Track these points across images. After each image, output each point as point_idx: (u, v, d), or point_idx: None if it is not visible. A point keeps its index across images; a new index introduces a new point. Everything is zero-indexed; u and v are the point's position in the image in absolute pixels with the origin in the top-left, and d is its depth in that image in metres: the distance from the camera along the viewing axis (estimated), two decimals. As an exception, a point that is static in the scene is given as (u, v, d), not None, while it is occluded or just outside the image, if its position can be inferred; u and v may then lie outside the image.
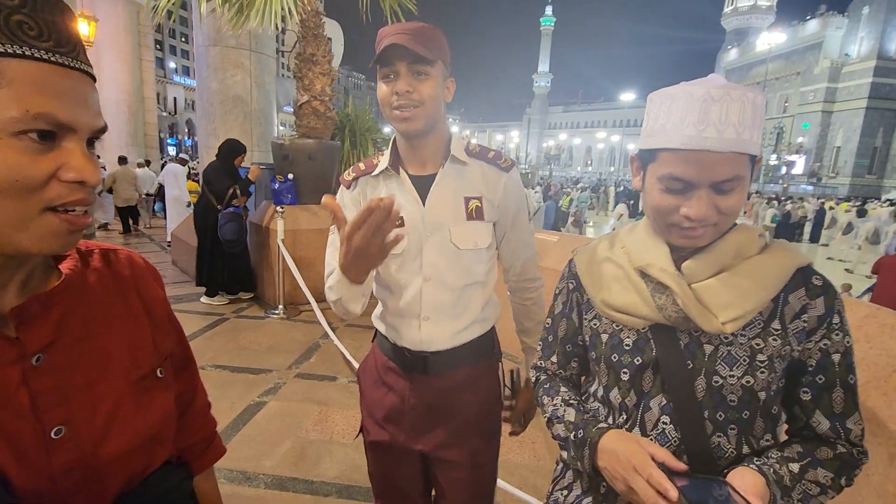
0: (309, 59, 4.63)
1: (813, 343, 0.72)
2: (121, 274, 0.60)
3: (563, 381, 0.92)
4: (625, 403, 0.79)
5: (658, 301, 0.74)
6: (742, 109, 0.65)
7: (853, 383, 0.73)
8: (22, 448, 0.46)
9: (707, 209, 0.68)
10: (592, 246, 0.89)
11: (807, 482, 0.69)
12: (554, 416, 0.85)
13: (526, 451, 2.53)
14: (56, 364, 0.49)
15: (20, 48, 0.42)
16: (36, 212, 0.44)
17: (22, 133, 0.42)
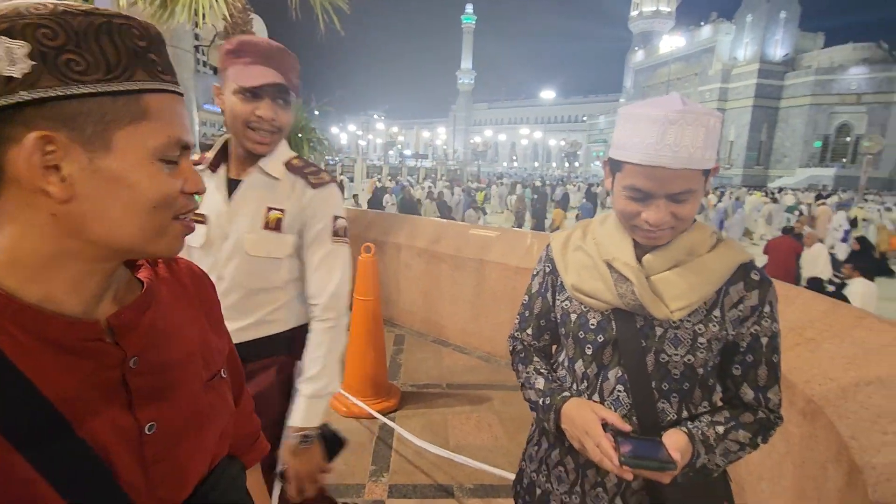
0: (238, 57, 4.46)
1: (745, 328, 0.85)
2: (183, 282, 0.64)
3: (536, 352, 1.04)
4: (587, 373, 0.92)
5: (620, 289, 0.86)
6: (696, 132, 0.75)
7: (776, 361, 0.87)
8: (125, 443, 0.51)
9: (664, 216, 0.80)
10: (567, 234, 1.01)
11: (729, 441, 0.83)
12: (526, 383, 0.99)
13: (484, 433, 2.68)
14: (148, 366, 0.53)
15: (158, 84, 0.48)
16: (169, 221, 0.51)
17: (160, 154, 0.48)
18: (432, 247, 4.13)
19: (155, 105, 0.47)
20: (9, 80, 0.41)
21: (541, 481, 0.99)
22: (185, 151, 0.51)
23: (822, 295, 2.07)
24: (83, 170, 0.44)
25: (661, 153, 0.76)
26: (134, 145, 0.46)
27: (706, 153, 0.78)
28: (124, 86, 0.45)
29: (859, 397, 1.44)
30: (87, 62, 0.43)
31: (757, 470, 1.92)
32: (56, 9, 0.42)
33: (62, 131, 0.43)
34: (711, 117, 0.78)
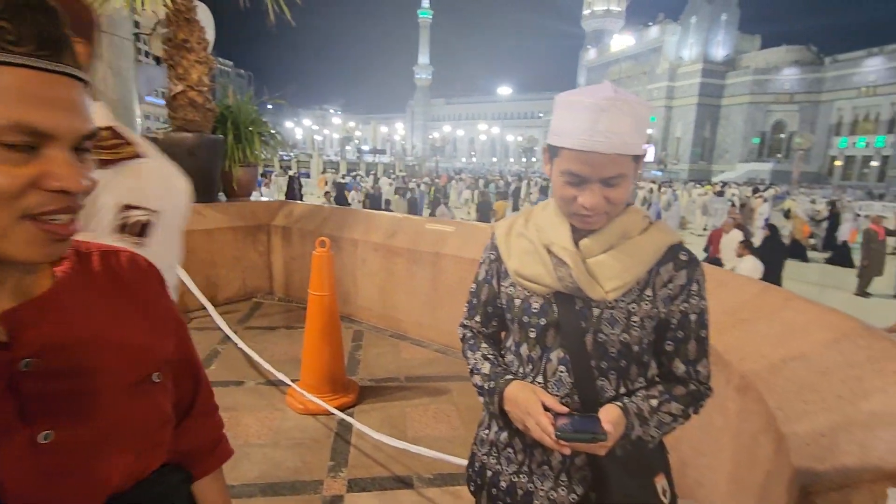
0: (182, 46, 4.26)
1: (675, 306, 0.90)
2: (119, 276, 0.59)
3: (484, 338, 1.06)
4: (531, 356, 0.94)
5: (559, 273, 0.89)
6: (625, 119, 0.79)
7: (704, 336, 0.92)
8: (10, 453, 0.46)
9: (598, 200, 0.83)
10: (510, 221, 1.04)
11: (662, 413, 0.88)
12: (474, 369, 1.01)
13: (442, 424, 2.70)
14: (46, 369, 0.48)
15: (3, 55, 0.40)
16: (12, 220, 0.42)
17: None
18: (388, 241, 4.11)
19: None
20: None
21: (491, 463, 1.01)
22: (45, 139, 0.43)
23: (753, 279, 2.21)
24: None
25: (594, 139, 0.79)
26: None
27: (635, 139, 0.81)
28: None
29: (785, 372, 1.55)
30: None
31: (699, 446, 2.03)
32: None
33: None
34: (640, 106, 0.82)
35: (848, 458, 1.11)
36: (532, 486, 0.95)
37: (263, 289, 5.00)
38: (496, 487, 1.00)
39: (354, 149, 72.38)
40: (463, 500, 2.11)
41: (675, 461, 2.21)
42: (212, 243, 4.50)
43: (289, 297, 4.90)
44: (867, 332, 1.54)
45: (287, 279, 4.94)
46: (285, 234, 4.86)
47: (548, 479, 0.93)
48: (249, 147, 5.15)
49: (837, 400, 1.32)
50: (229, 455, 0.78)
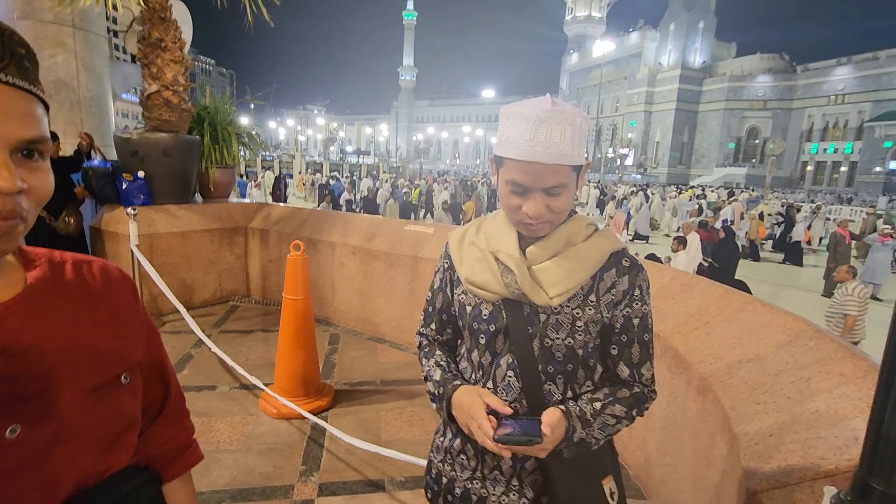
0: (156, 45, 4.19)
1: (619, 311, 0.92)
2: (89, 284, 0.62)
3: (439, 346, 1.08)
4: (482, 362, 0.97)
5: (506, 280, 0.91)
6: (564, 130, 0.81)
7: (647, 340, 0.94)
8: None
9: (540, 209, 0.86)
10: (464, 230, 1.06)
11: (606, 415, 0.89)
12: (427, 376, 1.03)
13: (416, 428, 2.71)
14: (11, 368, 0.51)
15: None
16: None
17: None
18: (367, 244, 4.10)
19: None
20: None
21: (446, 470, 1.03)
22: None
23: (716, 282, 2.28)
24: None
25: (534, 149, 0.82)
26: None
27: (574, 150, 0.84)
28: None
29: (741, 373, 1.61)
30: None
31: (663, 446, 2.09)
32: None
33: None
34: (578, 117, 0.84)
35: (791, 457, 1.16)
36: (485, 491, 0.97)
37: (240, 292, 4.94)
38: (451, 494, 1.01)
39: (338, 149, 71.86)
40: (434, 502, 2.13)
41: (640, 461, 2.28)
42: (186, 246, 4.43)
43: (266, 300, 4.86)
44: (818, 334, 1.61)
45: (264, 282, 4.90)
46: (263, 236, 4.82)
47: (499, 484, 0.96)
48: (227, 148, 5.08)
49: (787, 401, 1.38)
50: (198, 460, 0.79)
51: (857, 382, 1.29)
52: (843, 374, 1.35)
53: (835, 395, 1.30)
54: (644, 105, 69.57)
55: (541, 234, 0.92)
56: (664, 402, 2.07)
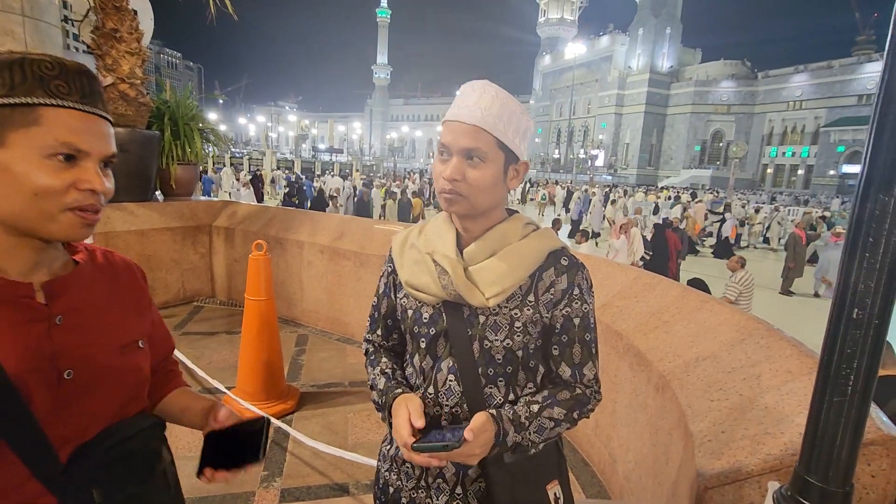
0: (110, 35, 4.02)
1: (559, 310, 0.91)
2: (115, 268, 0.80)
3: (385, 352, 1.04)
4: (423, 367, 0.94)
5: (443, 281, 0.89)
6: (492, 101, 0.85)
7: (589, 339, 0.93)
8: (44, 381, 0.64)
9: (455, 172, 0.85)
10: (407, 232, 1.04)
11: (543, 418, 0.86)
12: (372, 385, 0.99)
13: (384, 430, 2.67)
14: (70, 325, 0.68)
15: (53, 100, 0.60)
16: (59, 210, 0.62)
17: (51, 155, 0.60)
18: (335, 243, 4.04)
19: (50, 116, 0.60)
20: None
21: (392, 479, 1.00)
22: (82, 155, 0.62)
23: (676, 282, 2.34)
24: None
25: (460, 111, 0.87)
26: (23, 144, 0.59)
27: (499, 125, 0.85)
28: (21, 100, 0.59)
29: (697, 371, 1.65)
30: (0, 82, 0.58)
31: (625, 443, 2.13)
32: (3, 53, 0.59)
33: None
34: (512, 101, 0.88)
35: (741, 452, 1.19)
36: (430, 500, 0.95)
37: (204, 292, 4.80)
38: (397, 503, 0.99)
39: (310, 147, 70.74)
40: (399, 505, 2.11)
41: (605, 458, 2.31)
42: (146, 245, 4.27)
43: (232, 301, 4.73)
44: (769, 332, 1.66)
45: (230, 282, 4.76)
46: (228, 235, 4.69)
47: (443, 492, 0.93)
48: (189, 144, 4.92)
49: (738, 397, 1.42)
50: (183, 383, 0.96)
51: (802, 379, 1.34)
52: (790, 371, 1.40)
53: (782, 391, 1.35)
54: (615, 107, 71.07)
55: (456, 210, 0.90)
56: (626, 400, 2.11)
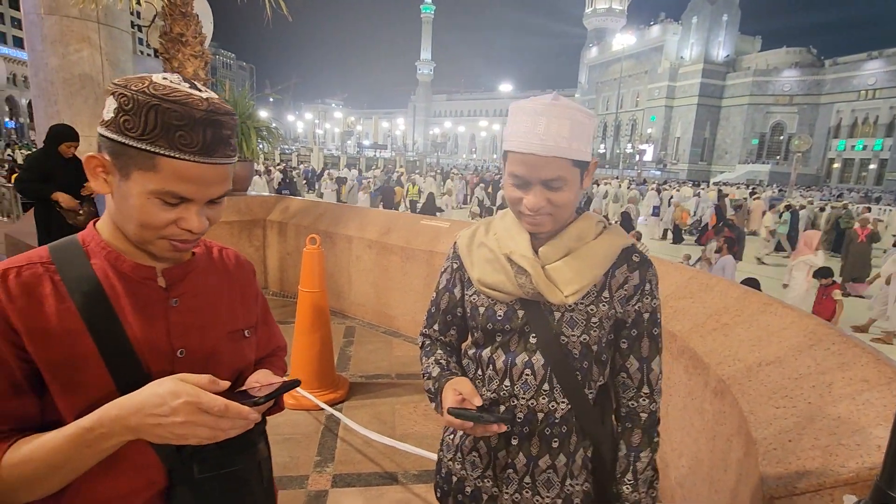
0: (177, 40, 4.26)
1: (630, 306, 0.93)
2: (227, 264, 0.88)
3: (441, 346, 1.08)
4: (495, 361, 0.96)
5: (519, 280, 0.91)
6: (562, 124, 0.82)
7: (657, 334, 0.95)
8: (161, 357, 0.72)
9: (539, 201, 0.86)
10: (472, 230, 1.04)
11: (640, 476, 0.95)
12: (425, 373, 1.04)
13: (430, 422, 2.73)
14: (184, 308, 0.76)
15: (173, 153, 0.65)
16: (156, 238, 0.70)
17: (156, 196, 0.66)
18: (383, 238, 4.13)
19: (165, 166, 0.65)
20: (103, 119, 0.67)
21: (456, 469, 1.03)
22: (186, 202, 0.69)
23: (736, 283, 2.24)
24: (116, 182, 0.68)
25: (531, 141, 0.84)
26: (140, 182, 0.66)
27: (573, 144, 0.84)
28: (146, 146, 0.64)
29: (760, 376, 1.59)
30: (134, 124, 0.64)
31: (678, 447, 2.07)
32: (147, 87, 0.64)
33: (109, 157, 0.67)
34: (580, 113, 0.85)
35: (811, 463, 1.14)
36: (496, 489, 0.97)
37: (259, 284, 5.02)
38: (462, 493, 1.01)
39: (355, 143, 72.18)
40: (447, 496, 2.15)
41: (657, 462, 2.26)
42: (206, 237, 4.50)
43: (284, 293, 4.93)
44: (841, 338, 1.57)
45: (282, 274, 4.96)
46: (281, 229, 4.88)
47: (512, 482, 0.96)
48: (246, 142, 5.15)
49: (807, 406, 1.35)
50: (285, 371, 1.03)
51: (880, 389, 1.26)
52: (866, 381, 1.32)
53: (857, 401, 1.28)
54: (665, 100, 68.27)
55: (543, 230, 0.92)
56: (681, 404, 2.05)
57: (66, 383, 0.65)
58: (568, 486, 0.96)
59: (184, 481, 0.72)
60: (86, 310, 0.67)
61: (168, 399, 0.60)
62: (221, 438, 0.64)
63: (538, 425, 0.94)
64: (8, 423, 0.64)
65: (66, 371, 0.65)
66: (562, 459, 0.95)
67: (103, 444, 0.61)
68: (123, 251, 0.73)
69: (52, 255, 0.70)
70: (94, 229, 0.75)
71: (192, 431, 0.61)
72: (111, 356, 0.67)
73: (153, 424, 0.60)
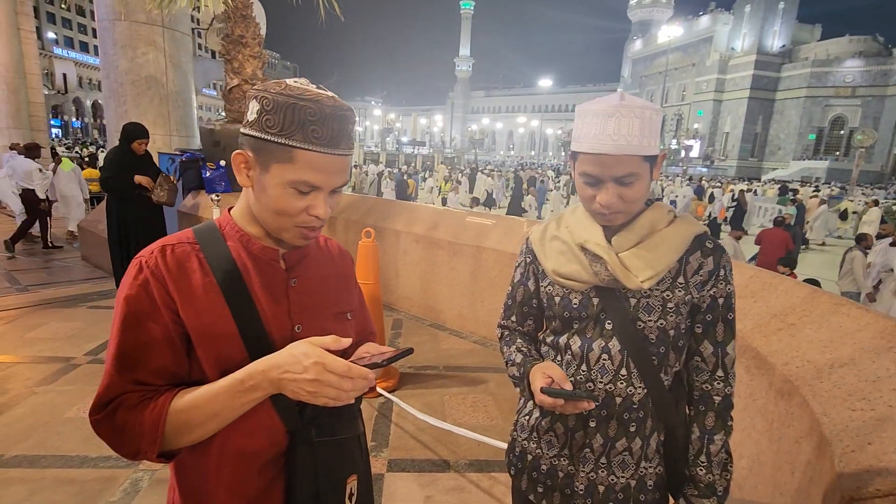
0: (238, 41, 4.46)
1: (706, 291, 0.95)
2: (331, 251, 0.97)
3: (520, 335, 1.13)
4: (572, 347, 1.00)
5: (595, 268, 0.95)
6: (632, 123, 0.86)
7: (731, 319, 0.97)
8: (283, 332, 0.80)
9: (612, 198, 0.90)
10: (544, 226, 1.10)
11: (714, 458, 0.96)
12: (508, 361, 1.09)
13: (479, 413, 2.78)
14: (302, 288, 0.84)
15: (308, 146, 0.72)
16: (291, 225, 0.78)
17: (292, 185, 0.74)
18: (430, 233, 4.20)
19: (300, 157, 0.73)
20: (247, 120, 0.75)
21: (531, 448, 1.08)
22: (315, 189, 0.75)
23: (802, 282, 2.16)
24: (256, 176, 0.76)
25: (602, 142, 0.87)
26: (279, 174, 0.73)
27: (643, 141, 0.88)
28: (285, 140, 0.72)
29: (833, 377, 1.54)
30: (274, 122, 0.71)
31: (738, 449, 2.03)
32: (284, 90, 0.72)
33: (252, 153, 0.75)
34: (648, 109, 0.88)
35: (894, 465, 1.11)
36: (573, 468, 1.01)
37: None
38: (537, 471, 1.06)
39: (394, 140, 73.01)
40: (501, 483, 2.19)
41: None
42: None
43: (331, 285, 5.09)
44: (923, 341, 1.50)
45: (330, 267, 5.12)
46: (331, 222, 5.04)
47: (588, 462, 1.00)
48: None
49: (888, 409, 1.31)
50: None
51: (971, 393, 1.21)
52: (954, 384, 1.27)
53: (944, 405, 1.23)
54: (713, 93, 65.38)
55: (616, 223, 0.96)
56: (741, 404, 2.01)
57: (208, 346, 0.74)
58: (642, 468, 0.99)
59: (304, 442, 0.79)
60: (225, 284, 0.76)
61: (301, 359, 0.69)
62: (345, 400, 0.71)
63: (616, 409, 0.97)
64: (165, 379, 0.73)
65: (209, 335, 0.74)
66: (637, 442, 0.98)
67: (252, 394, 0.71)
68: (253, 235, 0.82)
69: (196, 236, 0.80)
70: (229, 216, 0.84)
71: (321, 390, 0.69)
72: (244, 325, 0.76)
73: (290, 380, 0.69)
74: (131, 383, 0.71)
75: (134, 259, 0.77)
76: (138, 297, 0.73)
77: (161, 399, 0.71)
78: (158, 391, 0.72)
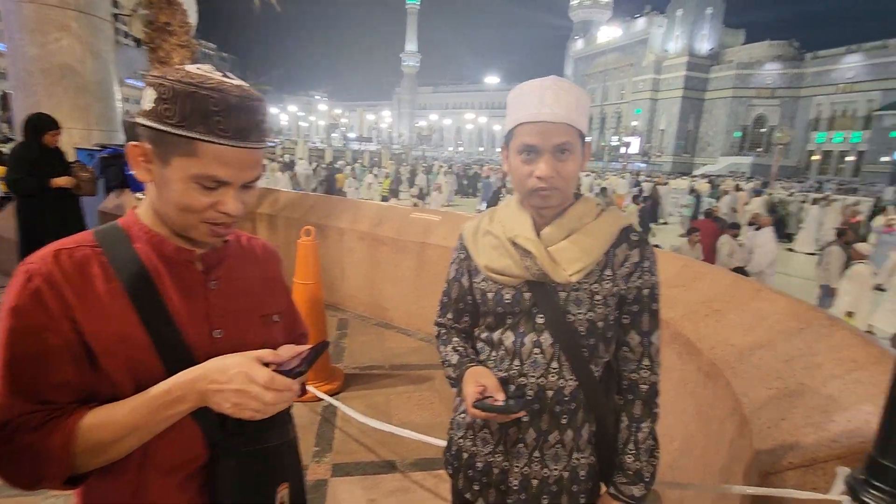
0: (163, 29, 4.18)
1: (632, 282, 0.97)
2: (255, 251, 0.92)
3: (456, 333, 1.13)
4: (504, 343, 1.00)
5: (525, 263, 0.96)
6: (568, 96, 0.89)
7: (656, 309, 1.00)
8: (199, 340, 0.75)
9: (549, 170, 0.90)
10: (476, 221, 1.10)
11: (641, 445, 0.98)
12: (445, 361, 1.09)
13: (425, 411, 2.76)
14: (222, 291, 0.80)
15: (211, 138, 0.67)
16: (198, 222, 0.72)
17: (196, 180, 0.69)
18: (375, 230, 4.12)
19: (204, 150, 0.67)
20: (142, 109, 0.69)
21: (467, 445, 1.07)
22: (223, 185, 0.71)
23: (726, 270, 2.29)
24: (157, 170, 0.70)
25: (542, 111, 0.89)
26: (181, 168, 0.68)
27: (578, 116, 0.91)
28: (185, 132, 0.66)
29: (753, 359, 1.63)
30: (172, 112, 0.66)
31: (670, 432, 2.12)
32: (183, 77, 0.66)
33: (150, 146, 0.69)
34: (579, 89, 0.92)
35: (804, 440, 1.19)
36: (507, 464, 1.01)
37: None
38: (472, 468, 1.05)
39: (341, 136, 71.51)
40: (445, 481, 2.17)
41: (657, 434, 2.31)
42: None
43: (273, 286, 4.89)
44: (830, 321, 1.62)
45: (272, 268, 4.92)
46: (271, 221, 4.84)
47: (522, 456, 1.00)
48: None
49: (799, 386, 1.40)
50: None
51: (869, 368, 1.31)
52: (854, 361, 1.37)
53: (846, 380, 1.33)
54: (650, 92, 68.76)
55: (551, 203, 0.95)
56: (672, 390, 2.09)
57: (116, 357, 0.68)
58: (574, 459, 1.00)
59: (226, 454, 0.75)
60: (133, 289, 0.71)
61: (229, 368, 0.67)
62: (268, 413, 0.67)
63: (548, 402, 0.97)
64: (71, 395, 0.67)
65: (116, 346, 0.68)
66: (569, 434, 0.99)
67: (177, 407, 0.67)
68: (165, 235, 0.76)
69: (97, 239, 0.74)
70: (135, 215, 0.78)
71: (244, 401, 0.66)
72: (157, 333, 0.71)
73: (215, 391, 0.66)
74: (30, 402, 0.65)
75: (20, 266, 0.69)
76: (29, 308, 0.66)
77: (70, 418, 0.65)
78: (65, 410, 0.66)
